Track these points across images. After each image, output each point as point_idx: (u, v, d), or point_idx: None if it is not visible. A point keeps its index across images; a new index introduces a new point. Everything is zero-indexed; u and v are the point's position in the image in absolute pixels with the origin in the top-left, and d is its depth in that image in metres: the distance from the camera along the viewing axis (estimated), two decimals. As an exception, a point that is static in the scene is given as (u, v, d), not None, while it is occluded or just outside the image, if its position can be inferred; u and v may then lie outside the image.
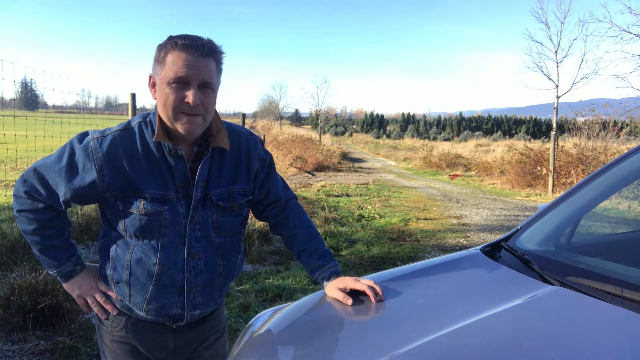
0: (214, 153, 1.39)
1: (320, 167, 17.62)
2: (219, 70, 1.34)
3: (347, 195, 10.34)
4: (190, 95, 1.24)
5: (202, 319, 1.50)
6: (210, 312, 1.52)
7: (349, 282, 1.45)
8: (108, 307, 1.45)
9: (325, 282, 1.51)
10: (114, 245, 1.39)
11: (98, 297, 1.45)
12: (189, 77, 1.24)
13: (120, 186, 1.31)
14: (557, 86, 12.63)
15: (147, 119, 1.36)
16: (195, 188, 1.35)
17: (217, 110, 1.42)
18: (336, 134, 57.07)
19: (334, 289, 1.46)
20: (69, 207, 1.41)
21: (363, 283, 1.43)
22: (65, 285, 1.49)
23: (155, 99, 1.32)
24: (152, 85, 1.33)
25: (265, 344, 1.42)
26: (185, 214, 1.35)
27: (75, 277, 1.47)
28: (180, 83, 1.25)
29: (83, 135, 1.34)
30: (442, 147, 25.53)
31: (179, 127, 1.28)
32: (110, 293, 1.44)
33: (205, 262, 1.40)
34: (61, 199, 1.34)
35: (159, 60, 1.28)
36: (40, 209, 1.36)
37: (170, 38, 1.28)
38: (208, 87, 1.28)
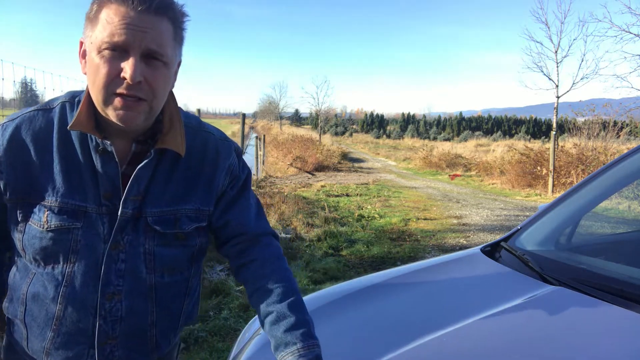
0: (161, 157, 1.01)
1: (320, 167, 17.61)
2: (177, 39, 0.96)
3: (347, 195, 10.33)
4: (128, 68, 0.88)
5: None
6: None
7: None
8: None
9: None
10: (15, 269, 1.05)
11: None
12: (128, 41, 0.87)
13: (21, 187, 0.96)
14: (557, 86, 12.65)
15: (76, 99, 1.00)
16: (125, 202, 0.97)
17: (174, 100, 1.06)
18: (336, 134, 57.06)
19: None
20: None
21: None
22: None
23: (85, 73, 0.95)
24: (83, 55, 0.96)
25: (265, 344, 1.42)
26: (107, 237, 0.98)
27: None
28: (115, 50, 0.88)
29: None
30: (442, 147, 25.52)
31: (111, 114, 0.91)
32: None
33: (129, 306, 1.01)
34: None
35: (90, 17, 0.91)
36: None
37: None
38: (157, 59, 0.91)
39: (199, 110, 8.29)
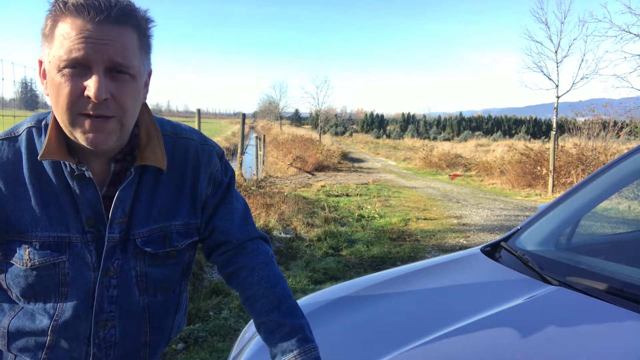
0: (143, 174, 0.96)
1: (320, 167, 17.61)
2: (143, 47, 0.89)
3: (347, 195, 10.33)
4: (92, 85, 0.81)
5: None
6: None
7: None
8: None
9: None
10: None
11: None
12: (88, 56, 0.80)
13: None
14: (557, 86, 12.64)
15: (43, 123, 0.93)
16: (110, 227, 0.93)
17: (149, 112, 1.00)
18: (336, 134, 57.03)
19: None
20: None
21: None
22: None
23: (48, 95, 0.88)
24: (43, 75, 0.88)
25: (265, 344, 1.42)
26: (96, 265, 0.93)
27: None
28: (76, 67, 0.81)
29: None
30: (442, 147, 25.52)
31: (80, 137, 0.85)
32: None
33: (122, 331, 0.98)
34: None
35: (46, 33, 0.84)
36: None
37: None
38: (123, 72, 0.84)
39: (199, 110, 8.27)
